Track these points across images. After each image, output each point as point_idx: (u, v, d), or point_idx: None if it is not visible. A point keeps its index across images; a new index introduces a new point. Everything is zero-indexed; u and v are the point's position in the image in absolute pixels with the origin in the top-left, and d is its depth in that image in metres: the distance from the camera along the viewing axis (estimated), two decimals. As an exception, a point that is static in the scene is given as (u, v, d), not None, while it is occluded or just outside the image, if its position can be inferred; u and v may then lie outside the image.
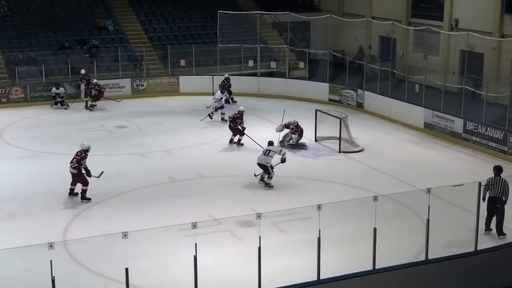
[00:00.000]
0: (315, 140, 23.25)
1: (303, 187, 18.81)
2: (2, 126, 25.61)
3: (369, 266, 12.48)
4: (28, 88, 29.32)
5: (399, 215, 16.02)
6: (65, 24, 33.92)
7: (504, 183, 14.79)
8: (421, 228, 13.52)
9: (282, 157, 18.96)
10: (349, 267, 12.63)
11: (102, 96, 28.63)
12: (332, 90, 29.54)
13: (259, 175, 18.81)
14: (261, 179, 18.70)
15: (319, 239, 11.85)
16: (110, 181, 17.70)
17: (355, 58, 32.33)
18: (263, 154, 18.77)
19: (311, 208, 11.83)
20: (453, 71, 30.40)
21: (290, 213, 15.72)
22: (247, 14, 35.27)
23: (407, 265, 13.00)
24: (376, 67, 28.79)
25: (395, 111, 26.17)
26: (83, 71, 29.50)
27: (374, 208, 12.10)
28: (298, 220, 15.52)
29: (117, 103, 29.28)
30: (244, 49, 32.22)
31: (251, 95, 30.31)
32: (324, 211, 11.70)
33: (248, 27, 35.10)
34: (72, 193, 17.60)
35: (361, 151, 22.25)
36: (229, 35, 33.55)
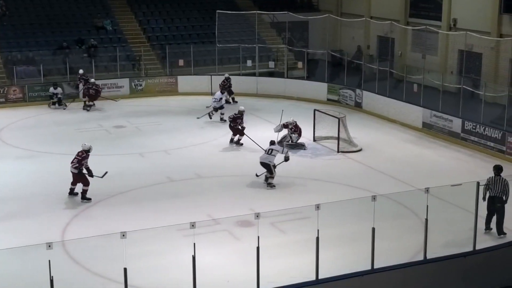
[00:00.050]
0: (314, 140, 23.26)
1: (301, 187, 18.80)
2: (1, 126, 25.58)
3: (367, 266, 12.49)
4: (26, 88, 29.29)
5: (397, 215, 16.02)
6: (63, 24, 33.90)
7: (504, 183, 14.81)
8: (420, 227, 13.53)
9: (286, 155, 19.00)
10: (347, 267, 12.64)
11: (99, 95, 28.59)
12: (331, 90, 29.54)
13: (261, 175, 18.82)
14: (266, 179, 18.68)
15: (317, 239, 11.86)
16: (109, 181, 17.69)
17: (353, 58, 32.35)
18: (266, 153, 18.78)
19: (309, 208, 11.83)
20: (451, 71, 30.42)
21: (289, 213, 15.72)
22: (246, 14, 35.30)
23: (405, 264, 13.02)
24: (374, 67, 28.80)
25: (394, 111, 26.18)
26: (81, 71, 29.50)
27: (372, 208, 12.11)
28: (297, 220, 15.52)
29: (115, 102, 29.26)
30: (243, 49, 32.21)
31: (250, 95, 30.31)
32: (323, 211, 11.71)
33: (247, 27, 35.10)
34: (72, 192, 17.59)
35: (360, 151, 22.26)
36: (228, 35, 33.55)
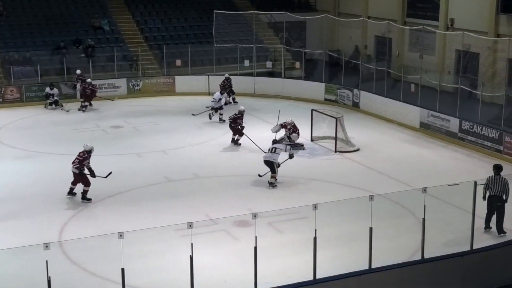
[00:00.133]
0: (311, 140, 23.26)
1: (299, 186, 18.80)
2: (-2, 126, 25.61)
3: (365, 266, 12.49)
4: (23, 88, 29.26)
5: (395, 214, 16.03)
6: (61, 24, 33.86)
7: (504, 182, 14.86)
8: (417, 227, 13.55)
9: (290, 153, 19.10)
10: (345, 267, 12.63)
11: (95, 95, 28.50)
12: (328, 90, 29.55)
13: (264, 175, 18.82)
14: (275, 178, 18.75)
15: (315, 238, 11.86)
16: (107, 181, 17.67)
17: (351, 58, 32.37)
18: (269, 151, 18.83)
19: (307, 208, 11.83)
20: (448, 71, 30.45)
21: (286, 213, 15.72)
22: (243, 14, 35.27)
23: (403, 264, 13.02)
24: (372, 66, 28.84)
25: (391, 111, 26.20)
26: (79, 71, 29.47)
27: (370, 208, 12.11)
28: (294, 220, 15.52)
29: (113, 102, 29.22)
30: (240, 49, 32.21)
31: (247, 95, 30.30)
32: (320, 210, 11.70)
33: (244, 27, 35.09)
34: (71, 192, 17.54)
35: (357, 150, 22.27)
36: (225, 35, 33.54)
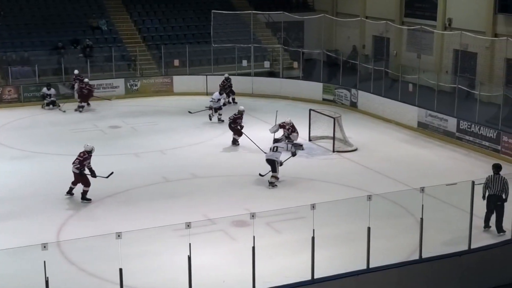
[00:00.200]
0: (309, 140, 23.26)
1: (297, 186, 18.81)
2: (-4, 126, 25.59)
3: (363, 265, 12.48)
4: (21, 89, 29.25)
5: (393, 214, 16.03)
6: (59, 24, 33.85)
7: (503, 181, 14.88)
8: (415, 227, 13.53)
9: (292, 151, 19.17)
10: (343, 267, 12.63)
11: (92, 95, 28.44)
12: (326, 90, 29.56)
13: (265, 175, 18.83)
14: (276, 177, 18.74)
15: (313, 238, 11.85)
16: (105, 181, 17.65)
17: (348, 58, 32.36)
18: (271, 150, 18.86)
19: (305, 208, 11.82)
20: (446, 71, 30.47)
21: (284, 212, 15.71)
22: (241, 13, 35.29)
23: (401, 264, 13.02)
24: (369, 66, 28.84)
25: (389, 111, 26.21)
26: (77, 71, 29.44)
27: (368, 208, 12.10)
28: (292, 219, 15.51)
29: (110, 102, 29.19)
30: (238, 49, 32.20)
31: (245, 95, 30.28)
32: (318, 210, 11.70)
33: (242, 27, 35.08)
34: (70, 192, 17.50)
35: (355, 150, 22.28)
36: (223, 34, 33.53)
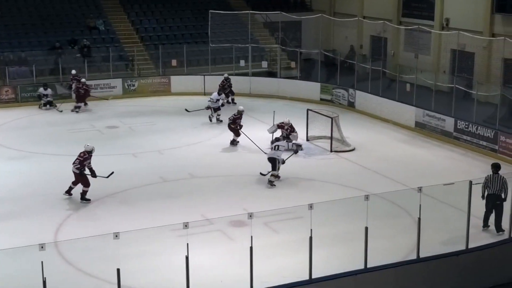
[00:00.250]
0: (307, 140, 23.25)
1: (294, 186, 18.82)
2: (-7, 126, 25.55)
3: (361, 265, 12.50)
4: (18, 89, 29.21)
5: (390, 214, 16.03)
6: (56, 24, 33.82)
7: (502, 180, 14.92)
8: (413, 227, 13.55)
9: (294, 148, 19.21)
10: (341, 266, 12.64)
11: (89, 95, 28.36)
12: (324, 90, 29.57)
13: (267, 174, 18.84)
14: (276, 176, 18.74)
15: (311, 238, 11.86)
16: (102, 181, 17.65)
17: (346, 58, 32.40)
18: (273, 149, 18.90)
19: (302, 208, 11.82)
20: (444, 70, 30.49)
21: (282, 212, 15.71)
22: (238, 13, 35.29)
23: (398, 263, 13.03)
24: (367, 66, 28.84)
25: (386, 111, 26.22)
26: (74, 72, 29.41)
27: (365, 207, 12.11)
28: (290, 219, 15.51)
29: (108, 102, 29.14)
30: (236, 49, 32.20)
31: (243, 95, 30.26)
32: (316, 210, 11.70)
33: (240, 27, 35.08)
34: (69, 191, 17.46)
35: (353, 150, 22.29)
36: (221, 34, 33.52)
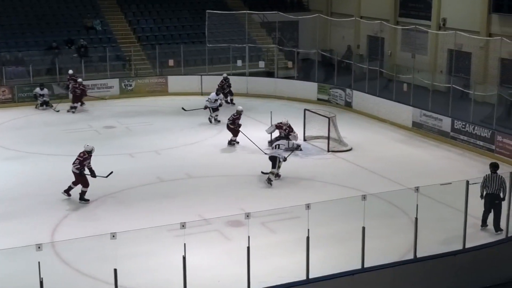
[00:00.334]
0: (304, 140, 23.25)
1: (291, 186, 18.82)
2: (-10, 127, 25.49)
3: (358, 265, 12.51)
4: (15, 89, 29.16)
5: (387, 214, 16.05)
6: (53, 24, 33.76)
7: (501, 180, 14.94)
8: (410, 226, 13.57)
9: (294, 147, 19.28)
10: (338, 266, 12.65)
11: (85, 95, 28.28)
12: (321, 90, 29.57)
13: (268, 174, 18.85)
14: (277, 175, 18.78)
15: (308, 238, 11.86)
16: (100, 181, 17.63)
17: (343, 58, 32.38)
18: (273, 148, 18.95)
19: (300, 208, 11.83)
20: (441, 70, 30.52)
21: (279, 212, 15.71)
22: (236, 13, 35.28)
23: (395, 263, 13.05)
24: (364, 66, 28.87)
25: (384, 110, 26.24)
26: (71, 72, 29.36)
27: (362, 207, 12.12)
28: (287, 219, 15.52)
29: (105, 102, 29.10)
30: (233, 48, 32.18)
31: (240, 95, 30.23)
32: (313, 210, 11.71)
33: (237, 27, 35.05)
34: (68, 191, 17.39)
35: (350, 150, 22.30)
36: (218, 34, 33.49)
